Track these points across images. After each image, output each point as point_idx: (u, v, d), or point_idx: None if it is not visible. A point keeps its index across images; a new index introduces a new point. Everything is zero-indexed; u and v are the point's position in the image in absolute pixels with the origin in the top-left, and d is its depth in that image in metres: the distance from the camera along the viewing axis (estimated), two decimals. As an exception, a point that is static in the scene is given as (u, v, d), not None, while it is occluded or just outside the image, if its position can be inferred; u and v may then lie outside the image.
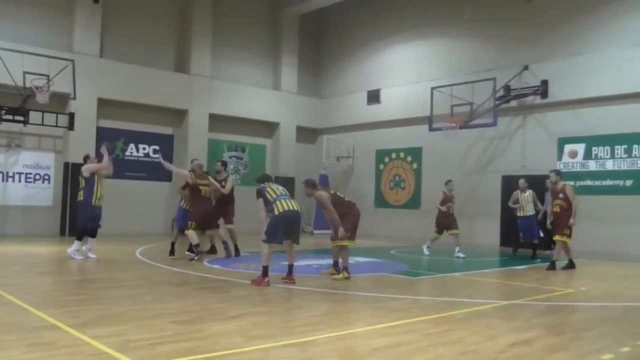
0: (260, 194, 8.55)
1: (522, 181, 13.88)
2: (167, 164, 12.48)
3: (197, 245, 11.26)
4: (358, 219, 9.85)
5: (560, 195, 11.36)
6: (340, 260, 9.52)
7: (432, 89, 17.31)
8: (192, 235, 11.28)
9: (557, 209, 11.41)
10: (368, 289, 8.72)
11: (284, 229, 8.32)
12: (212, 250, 12.43)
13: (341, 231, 9.08)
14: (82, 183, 11.09)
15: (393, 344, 5.15)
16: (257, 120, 21.84)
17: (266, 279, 8.24)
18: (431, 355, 4.78)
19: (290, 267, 8.64)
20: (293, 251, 8.71)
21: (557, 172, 11.77)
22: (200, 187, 11.57)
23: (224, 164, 13.04)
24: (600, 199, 15.34)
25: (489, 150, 18.19)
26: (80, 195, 11.12)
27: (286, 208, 8.32)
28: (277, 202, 8.35)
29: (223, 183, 12.25)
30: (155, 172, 19.22)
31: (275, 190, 8.59)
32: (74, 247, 11.02)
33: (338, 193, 9.94)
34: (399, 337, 5.44)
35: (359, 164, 22.41)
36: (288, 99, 22.65)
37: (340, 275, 9.28)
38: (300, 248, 12.56)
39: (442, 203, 14.31)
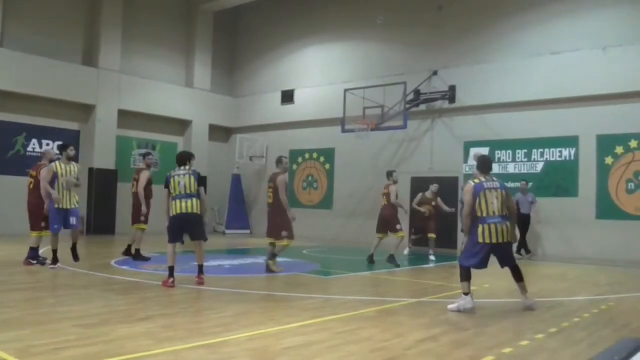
0: (166, 182, 8.38)
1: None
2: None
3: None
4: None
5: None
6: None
7: (345, 90, 17.57)
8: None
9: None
10: (280, 288, 8.74)
11: (178, 230, 8.23)
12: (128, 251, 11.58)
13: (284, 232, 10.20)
14: None
15: (304, 343, 5.19)
16: (168, 118, 21.36)
17: (170, 280, 8.07)
18: (342, 353, 4.85)
19: (199, 267, 8.46)
20: (200, 250, 8.47)
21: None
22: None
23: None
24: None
25: (399, 152, 18.67)
26: None
27: (178, 211, 8.15)
28: (174, 202, 8.23)
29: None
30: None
31: (177, 184, 8.27)
32: None
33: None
34: (311, 336, 5.49)
35: (272, 163, 22.30)
36: (201, 96, 22.29)
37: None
38: (211, 248, 12.42)
39: (420, 204, 14.35)
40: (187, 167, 8.51)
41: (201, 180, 8.56)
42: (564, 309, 7.39)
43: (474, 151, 16.99)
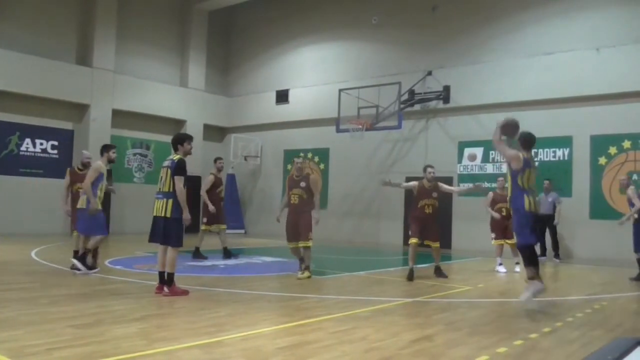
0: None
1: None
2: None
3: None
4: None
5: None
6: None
7: (340, 90, 17.58)
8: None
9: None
10: (274, 288, 8.74)
11: (152, 230, 7.72)
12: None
13: (316, 216, 9.80)
14: None
15: (299, 343, 5.19)
16: (163, 117, 21.29)
17: (158, 286, 7.66)
18: (336, 353, 4.86)
19: (160, 274, 7.58)
20: (165, 256, 7.54)
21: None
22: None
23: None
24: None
25: (393, 152, 18.69)
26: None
27: (153, 212, 7.61)
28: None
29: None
30: (53, 168, 18.33)
31: (160, 178, 7.69)
32: None
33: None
34: (305, 336, 5.49)
35: (267, 163, 22.39)
36: (195, 96, 22.25)
37: (305, 274, 9.59)
38: (206, 248, 12.41)
39: (492, 205, 11.67)
40: (174, 155, 7.74)
41: (179, 169, 7.53)
42: (558, 309, 7.41)
43: (468, 151, 17.05)
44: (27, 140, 17.98)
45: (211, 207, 11.99)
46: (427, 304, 7.56)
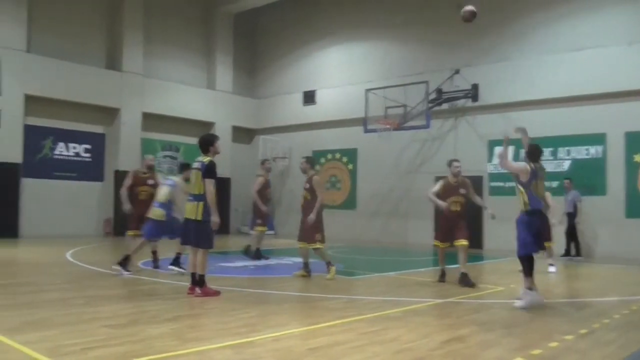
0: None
1: None
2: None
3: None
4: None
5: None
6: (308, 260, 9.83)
7: (367, 90, 17.53)
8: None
9: None
10: (304, 289, 8.74)
11: (184, 233, 7.80)
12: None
13: (310, 216, 9.57)
14: None
15: (330, 344, 5.18)
16: (191, 120, 21.50)
17: (190, 287, 7.69)
18: (367, 354, 4.84)
19: (192, 275, 7.67)
20: (196, 258, 7.61)
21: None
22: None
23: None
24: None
25: (422, 151, 18.57)
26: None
27: (185, 215, 7.72)
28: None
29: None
30: (86, 171, 18.65)
31: (190, 181, 7.80)
32: None
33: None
34: (336, 336, 5.48)
35: (295, 164, 22.38)
36: (223, 98, 22.42)
37: (332, 274, 9.53)
38: (237, 248, 12.49)
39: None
40: (203, 157, 7.65)
41: (209, 172, 7.50)
42: (594, 310, 7.28)
43: (498, 150, 16.84)
44: (61, 144, 18.33)
45: (264, 208, 12.20)
46: (458, 305, 7.48)
